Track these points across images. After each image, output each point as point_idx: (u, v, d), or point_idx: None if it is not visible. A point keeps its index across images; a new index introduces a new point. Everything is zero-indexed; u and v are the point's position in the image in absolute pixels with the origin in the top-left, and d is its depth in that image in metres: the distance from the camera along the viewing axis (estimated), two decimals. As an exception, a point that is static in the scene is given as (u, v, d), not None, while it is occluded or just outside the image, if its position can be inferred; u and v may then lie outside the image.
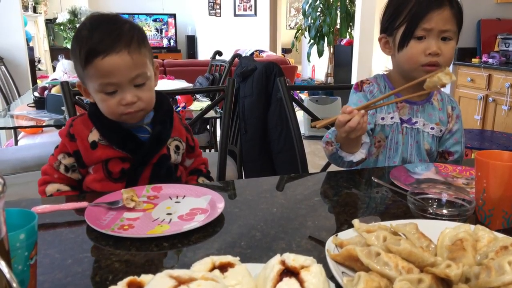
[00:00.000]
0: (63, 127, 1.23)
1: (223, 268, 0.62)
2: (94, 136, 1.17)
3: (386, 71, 1.46)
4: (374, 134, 1.38)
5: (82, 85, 1.18)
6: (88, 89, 1.16)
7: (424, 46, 1.27)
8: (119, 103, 1.11)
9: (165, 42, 10.02)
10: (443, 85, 1.19)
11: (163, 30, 9.99)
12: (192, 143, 1.33)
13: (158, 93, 1.24)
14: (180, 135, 1.28)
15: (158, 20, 9.91)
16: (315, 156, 4.46)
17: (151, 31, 9.91)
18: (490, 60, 3.97)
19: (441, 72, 1.17)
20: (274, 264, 0.61)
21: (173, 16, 9.93)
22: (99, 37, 1.08)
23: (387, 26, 1.35)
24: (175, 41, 10.05)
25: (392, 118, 1.37)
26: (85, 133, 1.17)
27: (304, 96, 6.00)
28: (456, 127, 1.44)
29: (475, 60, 4.08)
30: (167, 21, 9.96)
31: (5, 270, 0.41)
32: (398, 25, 1.30)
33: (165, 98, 1.28)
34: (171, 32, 10.01)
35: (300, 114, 1.71)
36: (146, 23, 9.85)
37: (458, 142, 1.44)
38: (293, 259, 0.61)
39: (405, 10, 1.28)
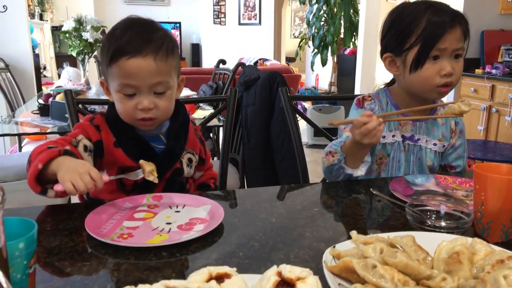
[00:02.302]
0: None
1: (220, 279, 0.62)
2: (113, 138, 1.17)
3: (384, 85, 1.45)
4: (375, 152, 1.37)
5: (105, 82, 1.17)
6: (109, 87, 1.15)
7: (438, 67, 1.25)
8: (135, 107, 1.11)
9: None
10: (462, 113, 1.18)
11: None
12: (204, 156, 1.32)
13: (176, 101, 1.23)
14: (194, 147, 1.27)
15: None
16: (318, 165, 4.45)
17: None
18: (494, 71, 3.97)
19: (461, 102, 1.17)
20: (271, 275, 0.62)
21: (178, 24, 9.99)
22: (129, 38, 1.09)
23: (394, 46, 1.31)
24: (180, 49, 10.11)
25: (393, 136, 1.36)
26: (109, 130, 1.17)
27: (307, 105, 6.01)
28: (459, 142, 1.42)
29: (478, 71, 4.08)
30: (172, 29, 10.02)
31: (2, 279, 0.42)
32: (409, 46, 1.26)
33: (182, 108, 1.26)
34: (176, 39, 10.07)
35: (303, 123, 1.72)
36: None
37: (461, 156, 1.42)
38: (290, 271, 0.62)
39: (416, 30, 1.25)
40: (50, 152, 1.00)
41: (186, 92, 3.39)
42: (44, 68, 7.06)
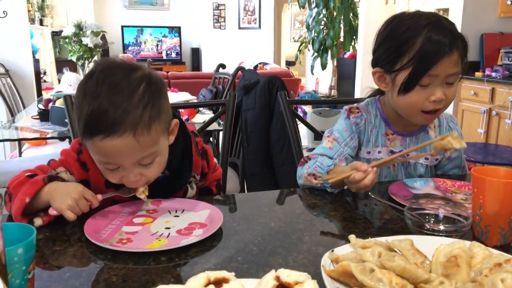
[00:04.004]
0: (68, 147, 1.11)
1: (218, 283, 0.62)
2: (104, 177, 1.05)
3: (371, 91, 1.40)
4: None
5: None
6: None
7: (428, 93, 1.16)
8: (120, 179, 1.00)
9: (169, 54, 10.10)
10: (453, 149, 1.13)
11: (168, 43, 10.07)
12: (206, 170, 1.22)
13: (173, 115, 1.08)
14: (195, 168, 1.17)
15: (163, 32, 10.00)
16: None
17: (156, 43, 10.01)
18: (494, 74, 3.98)
19: (450, 136, 1.10)
20: (269, 280, 0.62)
21: (178, 28, 10.02)
22: (101, 108, 0.90)
23: (385, 62, 1.22)
24: (180, 54, 10.13)
25: (379, 152, 1.30)
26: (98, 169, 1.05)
27: (307, 108, 6.02)
28: (455, 154, 1.37)
29: (478, 74, 4.09)
30: (172, 33, 10.05)
31: (1, 285, 0.42)
32: (400, 67, 1.17)
33: (182, 129, 1.11)
34: (176, 44, 10.10)
35: (304, 126, 1.74)
36: (151, 36, 9.95)
37: (458, 166, 1.38)
38: (288, 275, 0.62)
39: (409, 51, 1.15)
40: (34, 183, 0.96)
41: (186, 97, 3.39)
42: (44, 73, 7.06)
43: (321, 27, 7.54)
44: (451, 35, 1.14)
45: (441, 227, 0.91)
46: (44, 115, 2.69)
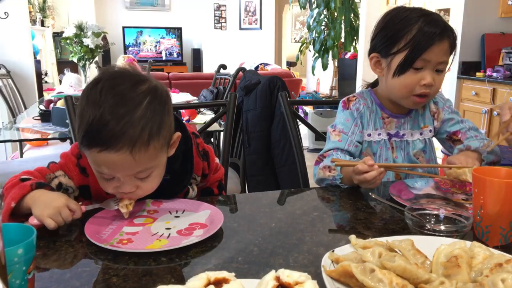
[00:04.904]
0: (68, 150, 1.11)
1: (218, 284, 0.62)
2: None
3: (364, 85, 1.48)
4: (362, 150, 1.38)
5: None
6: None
7: (420, 76, 1.26)
8: (116, 189, 0.99)
9: (170, 55, 10.11)
10: (466, 181, 1.17)
11: (169, 43, 10.08)
12: (207, 171, 1.22)
13: (175, 119, 1.06)
14: (197, 170, 1.18)
15: (164, 33, 10.01)
16: (319, 169, 4.45)
17: (156, 44, 10.01)
18: (495, 74, 3.98)
19: (469, 169, 1.15)
20: (269, 280, 0.62)
21: (179, 29, 10.02)
22: (104, 116, 0.89)
23: (382, 48, 1.32)
24: (181, 54, 10.14)
25: (379, 134, 1.38)
26: None
27: (308, 109, 6.02)
28: (448, 115, 1.43)
29: (479, 74, 4.09)
30: (173, 34, 10.05)
31: (1, 285, 0.42)
32: (396, 51, 1.27)
33: (183, 132, 1.09)
34: (177, 45, 10.11)
35: (304, 128, 1.75)
36: (152, 37, 9.96)
37: (458, 121, 1.43)
38: (288, 275, 0.62)
39: (405, 37, 1.25)
40: (22, 188, 0.96)
41: (187, 97, 3.40)
42: (46, 74, 7.08)
43: (322, 27, 7.55)
44: (442, 26, 1.26)
45: (442, 228, 0.91)
46: (45, 116, 2.69)
